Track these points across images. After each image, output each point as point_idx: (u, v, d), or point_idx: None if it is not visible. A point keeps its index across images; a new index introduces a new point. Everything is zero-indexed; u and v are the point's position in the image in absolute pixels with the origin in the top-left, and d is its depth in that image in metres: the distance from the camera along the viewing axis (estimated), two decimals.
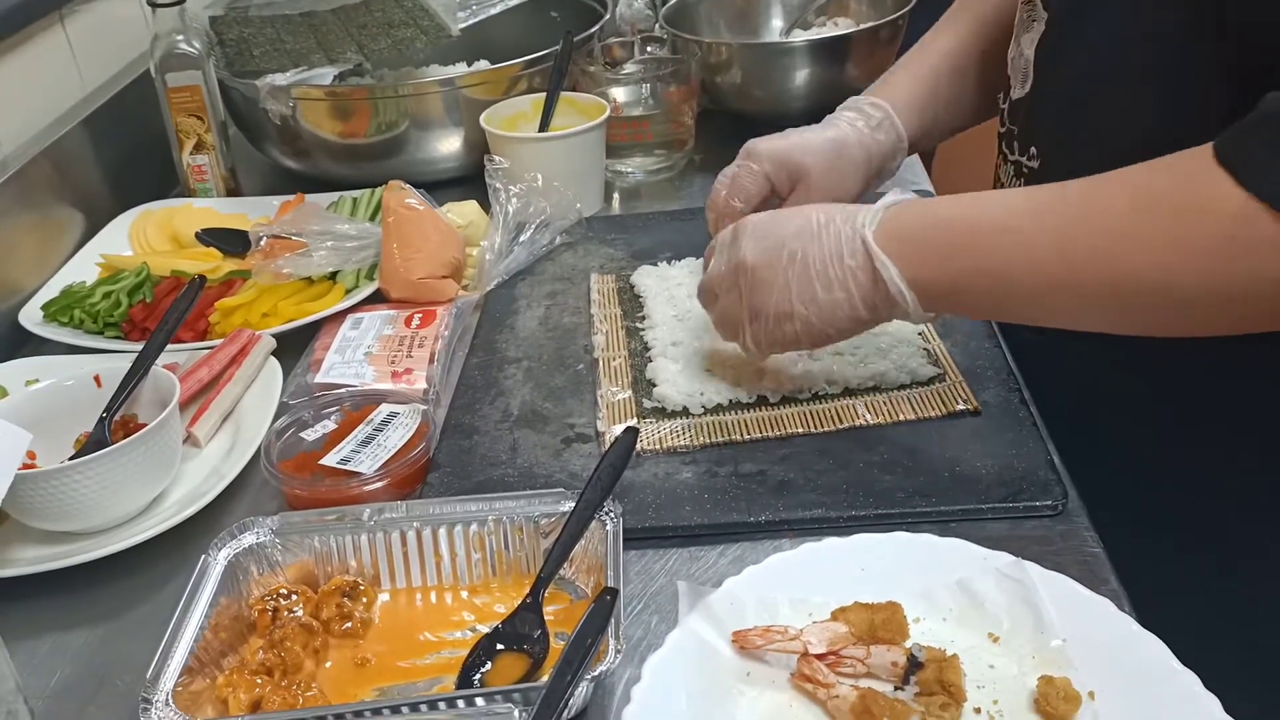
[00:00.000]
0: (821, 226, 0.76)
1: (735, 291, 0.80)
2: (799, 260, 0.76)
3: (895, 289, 0.73)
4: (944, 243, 0.72)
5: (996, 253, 0.70)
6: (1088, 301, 0.68)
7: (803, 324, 0.78)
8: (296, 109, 1.25)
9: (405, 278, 1.03)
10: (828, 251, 0.76)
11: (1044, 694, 0.60)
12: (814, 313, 0.77)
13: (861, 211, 0.76)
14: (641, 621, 0.71)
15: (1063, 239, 0.67)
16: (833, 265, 0.75)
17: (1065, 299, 0.69)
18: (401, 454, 0.83)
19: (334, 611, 0.70)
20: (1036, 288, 0.69)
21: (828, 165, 0.94)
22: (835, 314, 0.77)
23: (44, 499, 0.76)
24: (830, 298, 0.76)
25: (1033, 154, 0.85)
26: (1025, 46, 0.85)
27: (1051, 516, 0.74)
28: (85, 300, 1.04)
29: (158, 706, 0.61)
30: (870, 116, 0.98)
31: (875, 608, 0.65)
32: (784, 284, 0.77)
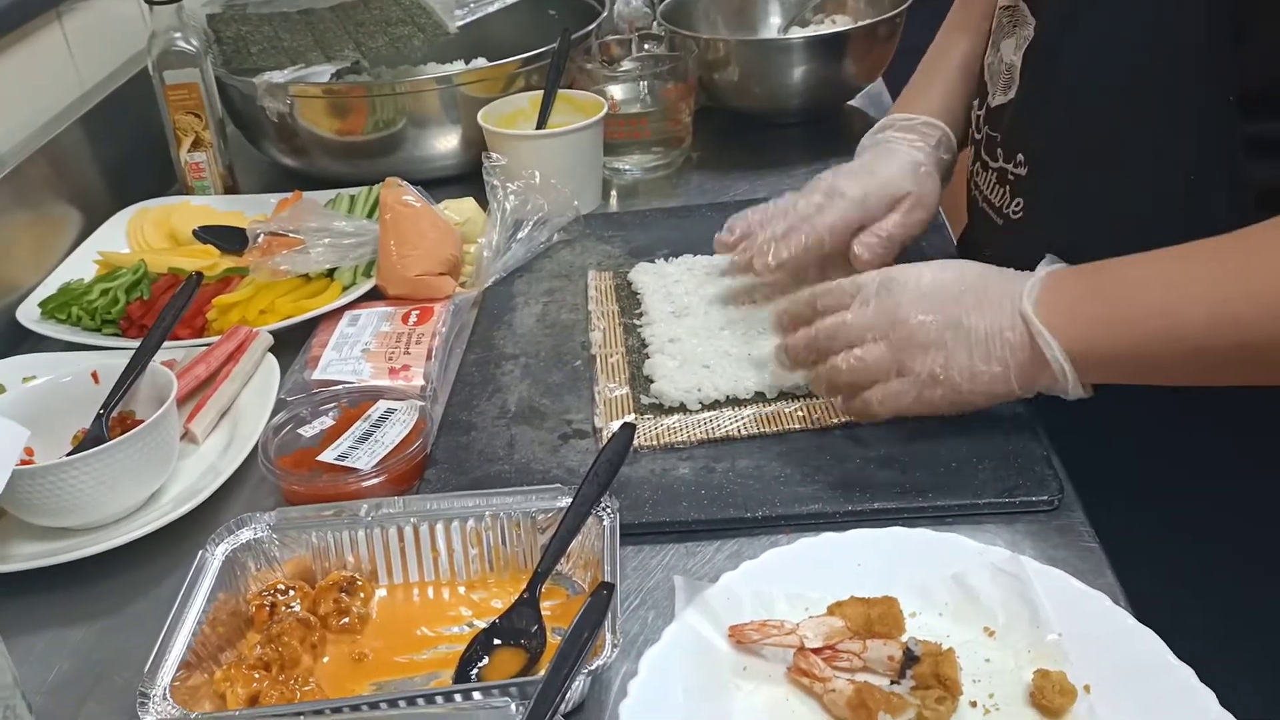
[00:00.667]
0: (980, 293, 0.75)
1: (885, 343, 0.77)
2: (959, 327, 0.74)
3: (1056, 365, 0.72)
4: (1106, 305, 0.71)
5: (1162, 315, 0.68)
6: (1262, 369, 0.68)
7: (949, 389, 0.76)
8: (294, 106, 1.25)
9: (403, 275, 1.03)
10: (987, 322, 0.74)
11: (1040, 687, 0.60)
12: (964, 382, 0.75)
13: (1020, 279, 0.75)
14: (638, 617, 0.71)
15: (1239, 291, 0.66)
16: (992, 340, 0.74)
17: (1242, 357, 0.68)
18: (399, 450, 0.83)
19: (331, 607, 0.71)
20: (1206, 348, 0.68)
21: (919, 187, 0.94)
22: (987, 387, 0.75)
23: (41, 495, 0.76)
24: (988, 370, 0.74)
25: (1019, 161, 0.84)
26: (1007, 52, 0.85)
27: (1047, 512, 0.75)
28: (83, 297, 1.04)
29: (155, 701, 0.61)
30: (929, 136, 0.98)
31: (871, 602, 0.65)
32: (940, 346, 0.75)
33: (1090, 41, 0.76)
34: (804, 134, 1.38)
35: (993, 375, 0.74)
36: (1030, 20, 0.82)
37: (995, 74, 0.88)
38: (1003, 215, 0.87)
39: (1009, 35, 0.85)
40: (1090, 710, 0.59)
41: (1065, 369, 0.72)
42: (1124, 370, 0.72)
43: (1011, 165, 0.85)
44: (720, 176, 1.30)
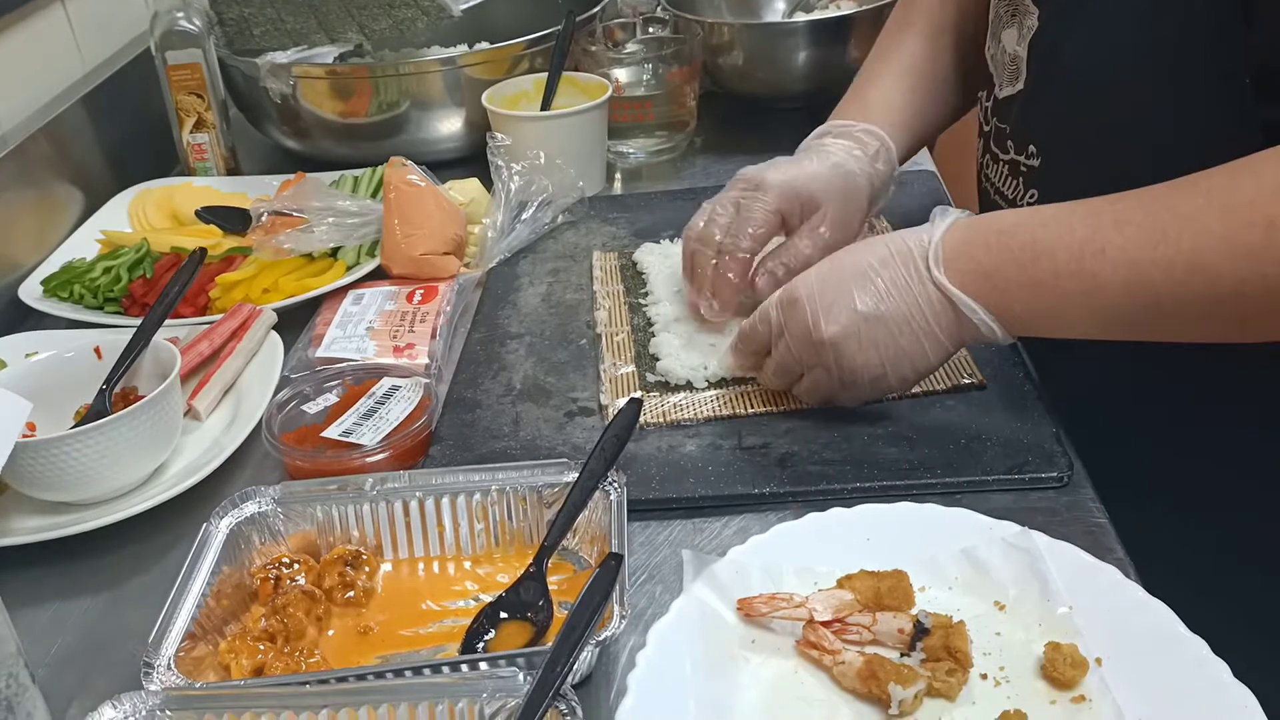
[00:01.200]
0: (878, 274, 0.74)
1: (820, 368, 0.77)
2: (875, 320, 0.74)
3: (985, 326, 0.72)
4: (1022, 272, 0.70)
5: (1077, 279, 0.68)
6: (1181, 316, 0.67)
7: (897, 378, 0.76)
8: (297, 88, 1.25)
9: (407, 254, 1.02)
10: (901, 303, 0.74)
11: (1051, 660, 0.59)
12: (906, 364, 0.76)
13: (915, 248, 0.74)
14: (645, 591, 0.70)
15: (1149, 257, 0.65)
16: (914, 318, 0.74)
17: (1158, 315, 0.67)
18: (403, 427, 0.82)
19: (336, 580, 0.70)
20: (1124, 306, 0.68)
21: (840, 198, 0.89)
22: (926, 358, 0.75)
23: (44, 468, 0.76)
24: (918, 347, 0.75)
25: (1031, 152, 0.83)
26: (1009, 43, 0.84)
27: (1057, 488, 0.74)
28: (85, 275, 1.04)
29: (160, 671, 0.60)
30: (867, 145, 0.93)
31: (881, 575, 0.65)
32: (870, 347, 0.75)
33: (1094, 28, 0.76)
34: (808, 118, 1.35)
35: (923, 349, 0.75)
36: (1033, 10, 0.80)
37: (1000, 65, 0.87)
38: (1016, 207, 0.85)
39: (1009, 26, 0.84)
40: (1102, 682, 0.59)
41: (994, 326, 0.72)
42: (1047, 327, 0.73)
43: (1024, 157, 0.83)
44: (724, 160, 1.29)
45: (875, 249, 0.76)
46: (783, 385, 0.82)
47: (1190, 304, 0.66)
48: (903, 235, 0.76)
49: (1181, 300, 0.66)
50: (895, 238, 0.76)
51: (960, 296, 0.72)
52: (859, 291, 0.75)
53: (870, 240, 0.78)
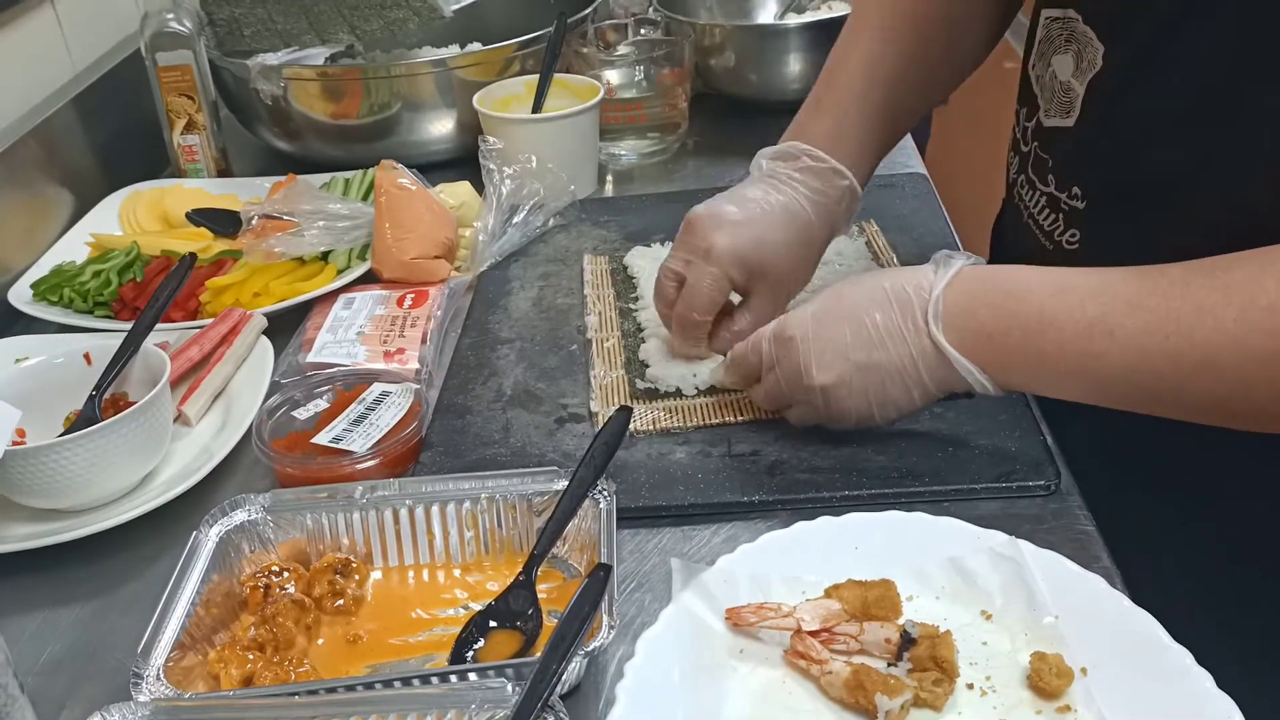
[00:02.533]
0: (878, 326, 0.73)
1: (809, 406, 0.77)
2: (869, 370, 0.73)
3: (979, 385, 0.72)
4: (1025, 343, 0.68)
5: (1082, 358, 0.67)
6: (1182, 406, 0.66)
7: (883, 418, 0.76)
8: (288, 89, 1.24)
9: (398, 258, 1.02)
10: (897, 357, 0.72)
11: (1037, 670, 0.60)
12: (893, 409, 0.75)
13: (916, 301, 0.72)
14: (634, 600, 0.71)
15: (1158, 347, 0.64)
16: (907, 372, 0.73)
17: (1158, 402, 0.67)
18: (394, 433, 0.82)
19: (326, 589, 0.70)
20: (1127, 392, 0.67)
21: (792, 263, 0.86)
22: (913, 404, 0.75)
23: (33, 476, 0.76)
24: (908, 396, 0.74)
25: (1075, 194, 0.80)
26: (1062, 71, 0.79)
27: (1044, 496, 0.74)
28: (75, 279, 1.04)
29: (149, 681, 0.61)
30: (830, 188, 0.87)
31: (868, 585, 0.65)
32: (861, 393, 0.74)
33: (1165, 82, 0.72)
34: None
35: (913, 398, 0.74)
36: (1098, 47, 0.76)
37: (1049, 91, 0.82)
38: (1053, 241, 0.82)
39: (1062, 52, 0.79)
40: (1087, 692, 0.59)
41: (987, 386, 0.72)
42: (1043, 391, 0.73)
43: (1065, 195, 0.80)
44: (716, 162, 1.30)
45: (874, 292, 0.74)
46: (771, 409, 0.82)
47: (1194, 397, 0.65)
48: (903, 279, 0.73)
49: (1185, 392, 0.65)
50: (896, 281, 0.74)
51: (958, 358, 0.71)
52: (854, 338, 0.73)
53: (869, 280, 0.76)
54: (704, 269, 0.83)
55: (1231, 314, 0.62)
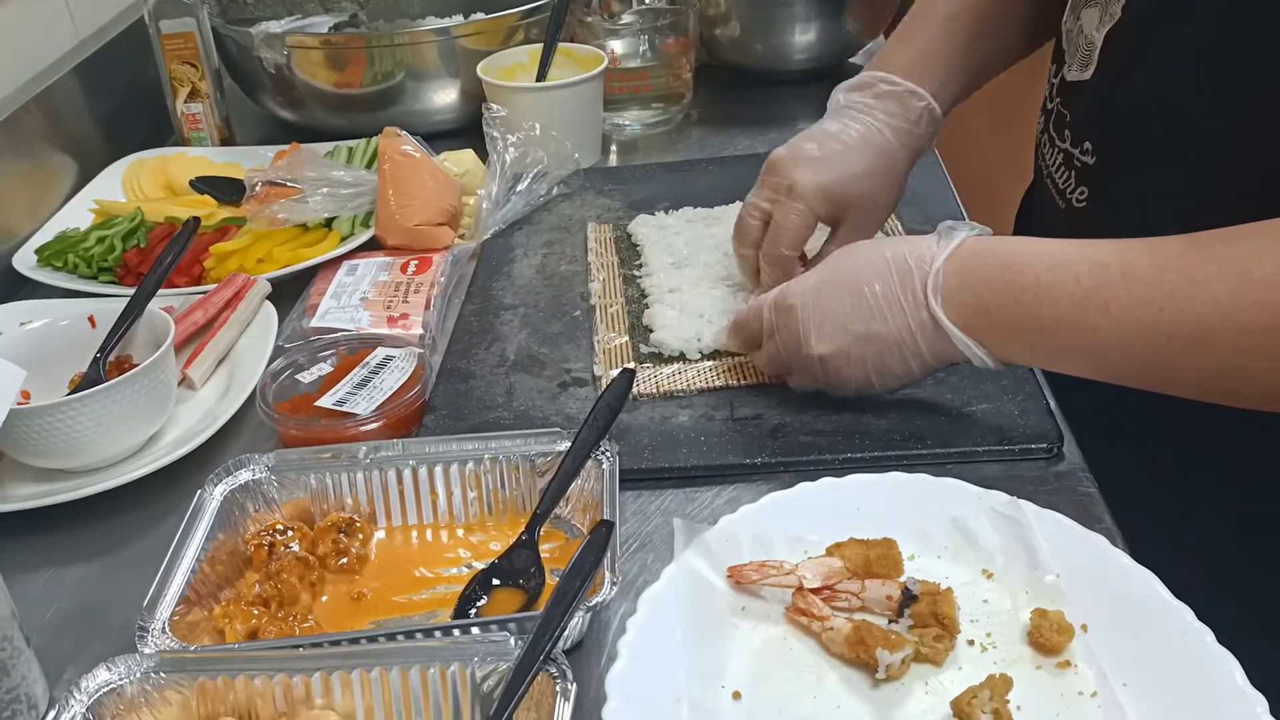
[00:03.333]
0: (879, 298, 0.73)
1: (808, 374, 0.78)
2: (869, 340, 0.74)
3: (976, 359, 0.72)
4: (1021, 317, 0.68)
5: (1077, 332, 0.66)
6: (1177, 381, 0.66)
7: (882, 387, 0.76)
8: (291, 58, 1.24)
9: (401, 225, 1.02)
10: (896, 328, 0.73)
11: (1037, 626, 0.60)
12: (892, 379, 0.75)
13: (917, 273, 0.72)
14: (637, 560, 0.71)
15: (1152, 320, 0.63)
16: (906, 343, 0.73)
17: (1152, 377, 0.67)
18: (397, 396, 0.83)
19: (330, 547, 0.70)
20: (1121, 366, 0.67)
21: (876, 191, 0.88)
22: (912, 374, 0.75)
23: (38, 435, 0.76)
24: (905, 366, 0.74)
25: (1086, 149, 0.80)
26: (1088, 24, 0.79)
27: (1047, 459, 0.75)
28: (79, 245, 1.04)
29: (154, 634, 0.61)
30: (909, 109, 0.89)
31: (870, 544, 0.65)
32: (860, 364, 0.75)
33: (1180, 36, 0.71)
34: (805, 90, 1.37)
35: (910, 370, 0.75)
36: None
37: (1074, 45, 0.82)
38: (1065, 199, 0.83)
39: (1090, 5, 0.79)
40: (1087, 648, 0.59)
41: (985, 360, 0.71)
42: (1040, 364, 0.73)
43: (1078, 151, 0.80)
44: (720, 132, 1.29)
45: (875, 262, 0.74)
46: (773, 375, 0.82)
47: (1190, 372, 0.65)
48: (905, 249, 0.73)
49: (1180, 367, 0.64)
50: (898, 251, 0.73)
51: (955, 333, 0.71)
52: (853, 309, 0.74)
53: (871, 249, 0.76)
54: (790, 205, 0.85)
55: (1225, 287, 0.61)
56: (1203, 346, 0.63)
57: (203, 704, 0.59)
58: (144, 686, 0.58)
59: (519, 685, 0.55)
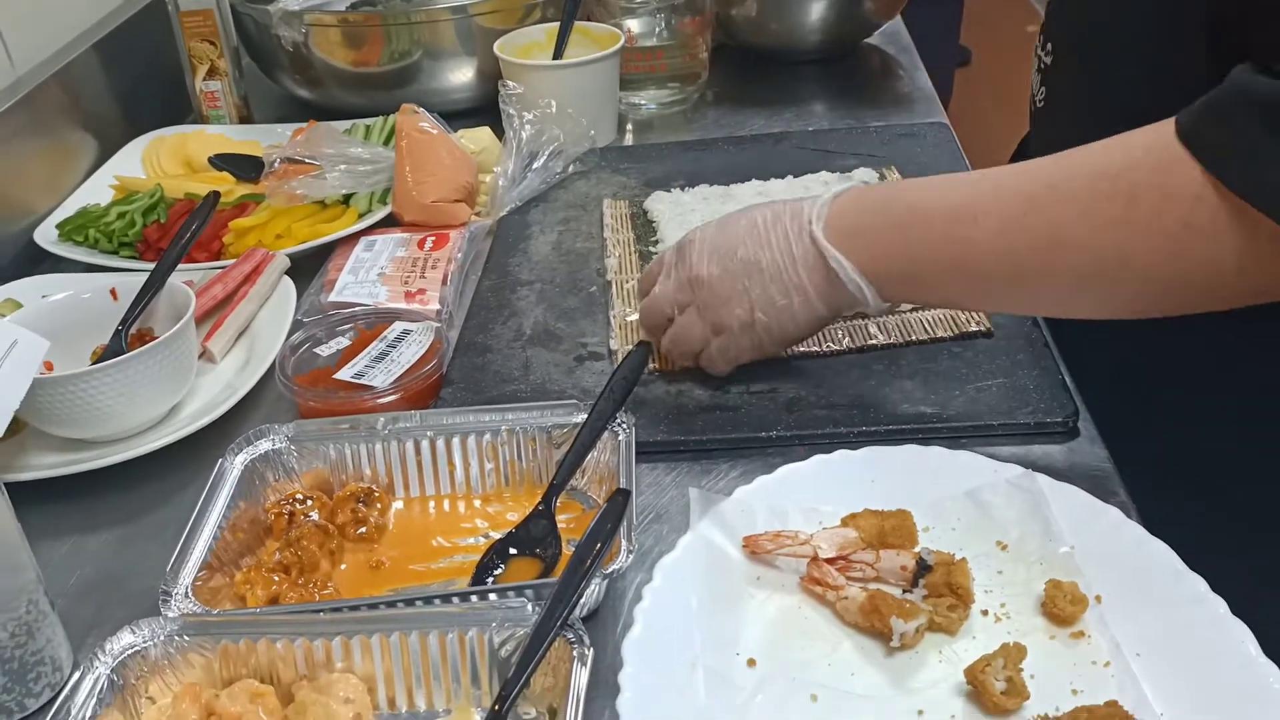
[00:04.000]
0: (769, 228, 0.75)
1: (693, 309, 0.78)
2: (753, 266, 0.74)
3: (853, 285, 0.71)
4: (897, 234, 0.70)
5: (949, 243, 0.68)
6: (1047, 287, 0.67)
7: (764, 331, 0.76)
8: (309, 35, 1.24)
9: (418, 201, 1.03)
10: (779, 254, 0.74)
11: (1051, 597, 0.60)
12: (774, 319, 0.75)
13: (807, 207, 0.74)
14: (653, 531, 0.71)
15: (1017, 225, 0.65)
16: (786, 270, 0.73)
17: (1025, 286, 0.67)
18: (415, 369, 0.83)
19: (349, 516, 0.71)
20: (993, 275, 0.68)
21: None
22: (796, 317, 0.75)
23: (61, 405, 0.77)
24: (788, 302, 0.74)
25: (1049, 49, 0.84)
26: None
27: (1062, 434, 0.75)
28: (100, 220, 1.05)
29: (177, 598, 0.62)
30: None
31: (885, 515, 0.66)
32: (742, 293, 0.75)
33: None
34: (821, 71, 1.37)
35: (792, 306, 0.74)
36: None
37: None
38: (1034, 104, 0.87)
39: None
40: (1101, 619, 0.60)
41: (864, 288, 0.71)
42: (922, 293, 0.74)
43: (1044, 53, 0.84)
44: (736, 112, 1.29)
45: (775, 206, 0.76)
46: (650, 325, 0.82)
47: (1056, 276, 0.65)
48: (803, 199, 0.75)
49: (1046, 271, 0.65)
50: (794, 200, 0.76)
51: (830, 250, 0.71)
52: (746, 239, 0.75)
53: (778, 201, 0.78)
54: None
55: (1081, 184, 0.63)
56: (1063, 247, 0.64)
57: (225, 667, 0.60)
58: (167, 649, 0.59)
59: (536, 650, 0.56)
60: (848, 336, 0.84)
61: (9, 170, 1.07)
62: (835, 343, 0.84)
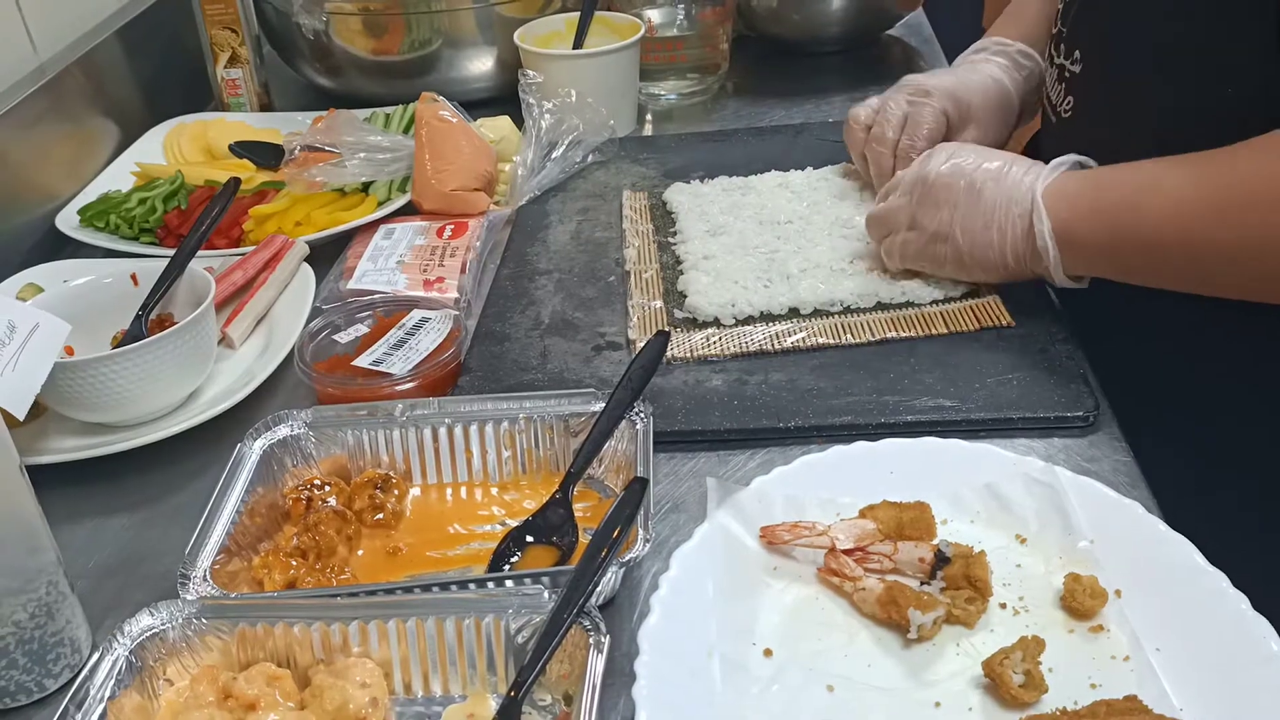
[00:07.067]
0: (1007, 171, 0.79)
1: (908, 198, 0.83)
2: (975, 192, 0.80)
3: (1042, 242, 0.77)
4: (1093, 200, 0.75)
5: (1140, 211, 0.72)
6: (1212, 262, 0.71)
7: (953, 249, 0.81)
8: (329, 24, 1.25)
9: (437, 190, 1.03)
10: (1002, 192, 0.79)
11: (1070, 591, 0.60)
12: (968, 243, 0.80)
13: (1042, 167, 0.79)
14: (669, 521, 0.71)
15: (1207, 197, 0.69)
16: (1000, 207, 0.79)
17: (1209, 260, 0.71)
18: (433, 357, 0.83)
19: (366, 502, 0.71)
20: (1179, 247, 0.71)
21: (994, 109, 0.97)
22: (986, 253, 0.80)
23: (81, 389, 0.77)
24: (987, 236, 0.80)
25: (1076, 58, 0.84)
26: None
27: (1082, 427, 0.74)
28: (121, 206, 1.05)
29: (195, 581, 0.62)
30: (1023, 66, 0.99)
31: (904, 506, 0.66)
32: (952, 207, 0.80)
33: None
34: (842, 62, 1.36)
35: (989, 241, 0.79)
36: None
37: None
38: (1056, 113, 0.87)
39: None
40: (1120, 614, 0.59)
41: (1050, 247, 0.77)
42: (1098, 260, 0.77)
43: (1069, 62, 0.85)
44: (756, 104, 1.29)
45: (1023, 158, 0.81)
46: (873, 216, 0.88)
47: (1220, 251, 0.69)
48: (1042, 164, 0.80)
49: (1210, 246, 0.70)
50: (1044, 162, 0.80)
51: (1039, 206, 0.77)
52: (985, 167, 0.80)
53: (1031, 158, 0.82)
54: (924, 104, 0.95)
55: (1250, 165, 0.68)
56: (1225, 224, 0.69)
57: (242, 650, 0.60)
58: (185, 632, 0.59)
59: (553, 637, 0.56)
60: (867, 329, 0.84)
61: (32, 156, 1.08)
62: (854, 336, 0.83)
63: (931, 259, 0.83)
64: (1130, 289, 0.76)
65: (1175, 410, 0.79)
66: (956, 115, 0.95)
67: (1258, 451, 0.78)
